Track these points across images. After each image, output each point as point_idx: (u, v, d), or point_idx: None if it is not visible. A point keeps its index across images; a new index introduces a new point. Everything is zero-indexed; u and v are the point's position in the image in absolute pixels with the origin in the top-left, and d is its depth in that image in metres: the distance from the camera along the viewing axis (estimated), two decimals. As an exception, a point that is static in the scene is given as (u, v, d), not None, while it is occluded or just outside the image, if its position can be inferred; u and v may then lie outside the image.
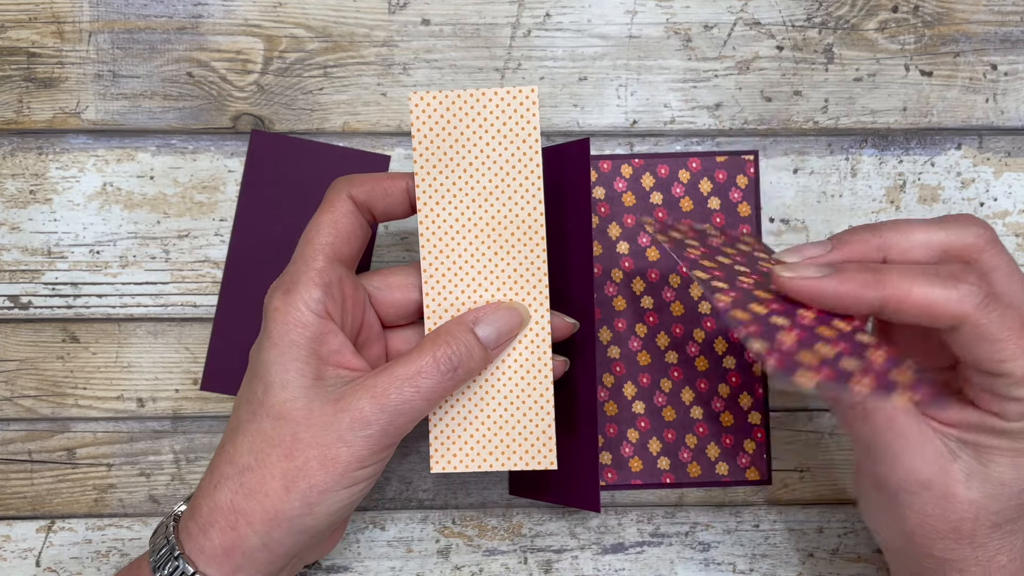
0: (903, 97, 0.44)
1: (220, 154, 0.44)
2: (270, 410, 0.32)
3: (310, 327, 0.33)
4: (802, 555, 0.45)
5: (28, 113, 0.43)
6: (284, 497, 0.31)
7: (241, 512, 0.32)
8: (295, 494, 0.31)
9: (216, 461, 0.33)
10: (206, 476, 0.33)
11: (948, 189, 0.44)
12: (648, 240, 0.44)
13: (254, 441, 0.32)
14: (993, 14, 0.44)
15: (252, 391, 0.33)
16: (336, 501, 0.32)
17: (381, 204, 0.35)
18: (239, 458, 0.32)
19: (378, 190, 0.35)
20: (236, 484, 0.32)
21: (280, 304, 0.33)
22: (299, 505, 0.31)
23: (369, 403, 0.32)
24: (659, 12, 0.44)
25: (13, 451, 0.44)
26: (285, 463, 0.31)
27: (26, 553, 0.44)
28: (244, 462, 0.32)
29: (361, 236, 0.36)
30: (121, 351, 0.44)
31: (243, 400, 0.33)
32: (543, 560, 0.44)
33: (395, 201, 0.36)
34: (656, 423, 0.43)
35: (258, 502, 0.31)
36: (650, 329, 0.44)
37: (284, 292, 0.33)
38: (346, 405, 0.32)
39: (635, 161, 0.44)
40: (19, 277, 0.43)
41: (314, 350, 0.33)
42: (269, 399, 0.32)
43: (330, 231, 0.34)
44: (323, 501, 0.32)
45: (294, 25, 0.43)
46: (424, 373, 0.32)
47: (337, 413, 0.32)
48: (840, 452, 0.45)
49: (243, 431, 0.33)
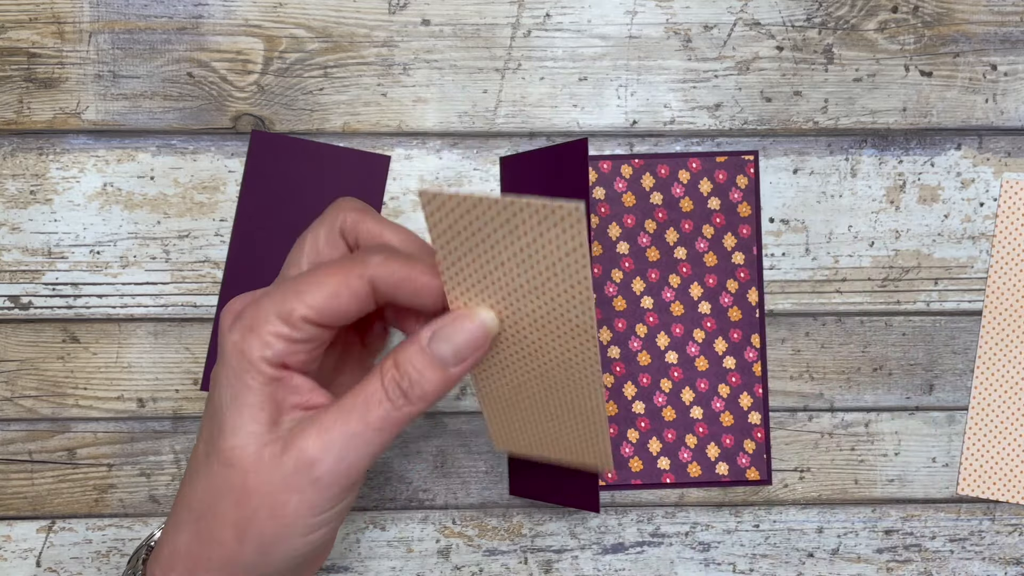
0: (903, 97, 0.44)
1: (220, 154, 0.44)
2: (220, 455, 0.29)
3: (265, 373, 0.29)
4: (802, 555, 0.45)
5: (28, 113, 0.43)
6: (238, 548, 0.29)
7: (198, 559, 0.30)
8: (248, 545, 0.29)
9: (177, 501, 0.32)
10: (170, 514, 0.32)
11: (948, 189, 0.44)
12: (648, 240, 0.44)
13: (207, 487, 0.30)
14: (993, 14, 0.44)
15: (208, 430, 0.30)
16: (292, 549, 0.30)
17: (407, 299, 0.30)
18: (194, 502, 0.30)
19: (406, 287, 0.30)
20: (193, 529, 0.30)
21: (238, 340, 0.29)
22: (253, 555, 0.30)
23: (314, 441, 0.29)
24: (659, 12, 0.44)
25: (13, 451, 0.44)
26: (235, 512, 0.29)
27: (26, 553, 0.44)
28: (198, 508, 0.30)
29: (358, 314, 0.30)
30: (121, 351, 0.44)
31: (201, 437, 0.31)
32: (543, 560, 0.44)
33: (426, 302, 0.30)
34: (656, 423, 0.43)
35: (214, 550, 0.30)
36: (650, 329, 0.44)
37: (244, 328, 0.29)
38: (291, 446, 0.29)
39: (635, 161, 0.44)
40: (19, 277, 0.43)
41: (270, 394, 0.29)
42: (220, 443, 0.30)
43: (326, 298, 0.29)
44: (278, 551, 0.30)
45: (294, 25, 0.43)
46: (371, 402, 0.29)
47: (283, 456, 0.29)
48: (839, 452, 0.45)
49: (198, 474, 0.31)
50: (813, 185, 0.44)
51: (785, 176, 0.44)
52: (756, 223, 0.44)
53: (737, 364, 0.44)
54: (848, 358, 0.45)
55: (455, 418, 0.44)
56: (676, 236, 0.44)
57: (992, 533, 0.45)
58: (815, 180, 0.44)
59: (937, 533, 0.45)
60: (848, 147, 0.44)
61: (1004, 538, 0.45)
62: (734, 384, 0.44)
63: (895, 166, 0.44)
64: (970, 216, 0.45)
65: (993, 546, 0.45)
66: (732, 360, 0.44)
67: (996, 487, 0.45)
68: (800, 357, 0.45)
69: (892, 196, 0.44)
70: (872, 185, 0.44)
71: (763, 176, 0.44)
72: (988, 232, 0.45)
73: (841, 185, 0.44)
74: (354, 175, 0.43)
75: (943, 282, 0.45)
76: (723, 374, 0.44)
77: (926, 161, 0.44)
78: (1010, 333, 0.44)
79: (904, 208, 0.44)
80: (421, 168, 0.44)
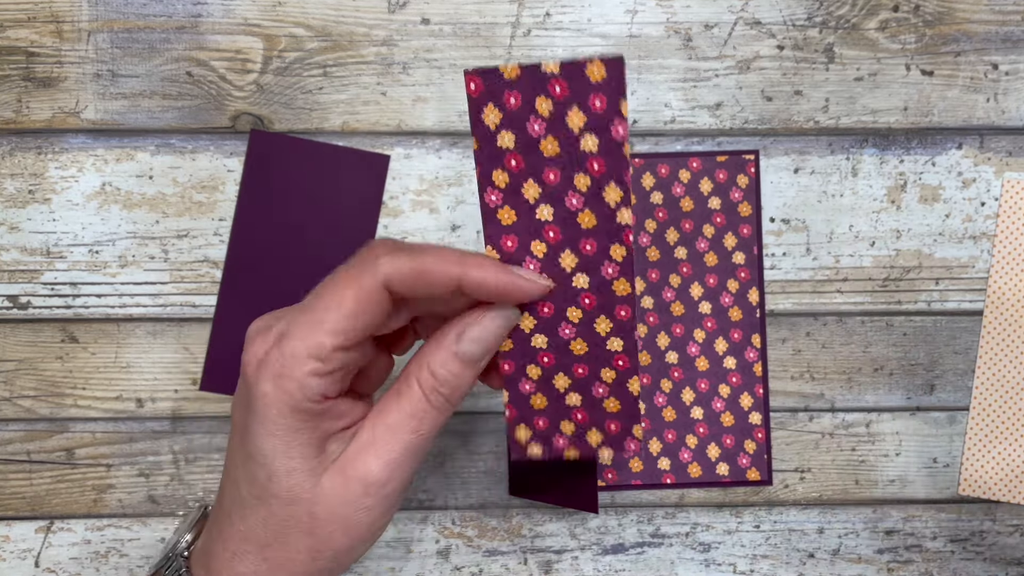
0: (904, 97, 0.44)
1: (219, 154, 0.43)
2: (278, 496, 0.30)
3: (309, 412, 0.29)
4: (802, 555, 0.44)
5: (27, 113, 0.43)
6: (312, 563, 0.31)
7: None
8: (322, 560, 0.31)
9: (225, 532, 0.32)
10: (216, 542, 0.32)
11: (949, 189, 0.44)
12: (648, 240, 0.44)
13: (268, 521, 0.31)
14: (994, 14, 0.44)
15: (252, 474, 0.30)
16: (361, 552, 0.32)
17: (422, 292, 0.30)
18: (254, 535, 0.31)
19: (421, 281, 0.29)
20: (258, 558, 0.31)
21: (271, 390, 0.29)
22: (328, 565, 0.31)
23: (375, 463, 0.30)
24: (659, 11, 0.44)
25: (12, 451, 0.44)
26: (307, 539, 0.31)
27: (25, 553, 0.44)
28: (262, 539, 0.31)
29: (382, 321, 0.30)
30: (120, 351, 0.44)
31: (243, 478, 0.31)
32: (543, 561, 0.44)
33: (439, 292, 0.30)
34: (656, 423, 0.43)
35: (286, 571, 0.31)
36: (650, 329, 0.44)
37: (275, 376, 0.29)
38: (353, 473, 0.30)
39: (635, 161, 0.43)
40: (18, 277, 0.43)
41: (315, 427, 0.30)
42: (274, 487, 0.30)
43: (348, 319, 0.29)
44: (350, 556, 0.32)
45: (293, 24, 0.43)
46: (418, 415, 0.30)
47: (347, 483, 0.30)
48: (840, 452, 0.45)
49: (252, 509, 0.31)
50: (814, 185, 0.44)
51: (786, 175, 0.44)
52: (757, 223, 0.44)
53: (738, 364, 0.44)
54: (849, 358, 0.45)
55: (455, 418, 0.44)
56: (676, 236, 0.44)
57: (993, 534, 0.45)
58: (816, 180, 0.44)
59: (938, 534, 0.45)
60: (849, 146, 0.44)
61: (1005, 539, 0.45)
62: (735, 384, 0.44)
63: (896, 166, 0.44)
64: (971, 216, 0.44)
65: (994, 547, 0.45)
66: (732, 360, 0.44)
67: (997, 488, 0.44)
68: (801, 357, 0.44)
69: (893, 196, 0.44)
70: (873, 185, 0.44)
71: (764, 175, 0.44)
72: (989, 232, 0.44)
73: (842, 185, 0.44)
74: (353, 174, 0.43)
75: (944, 282, 0.44)
76: (723, 374, 0.44)
77: (927, 161, 0.44)
78: (1011, 333, 0.44)
79: (905, 208, 0.44)
80: (421, 167, 0.44)
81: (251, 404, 0.30)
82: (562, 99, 0.29)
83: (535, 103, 0.29)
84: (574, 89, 0.29)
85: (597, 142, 0.29)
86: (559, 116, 0.29)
